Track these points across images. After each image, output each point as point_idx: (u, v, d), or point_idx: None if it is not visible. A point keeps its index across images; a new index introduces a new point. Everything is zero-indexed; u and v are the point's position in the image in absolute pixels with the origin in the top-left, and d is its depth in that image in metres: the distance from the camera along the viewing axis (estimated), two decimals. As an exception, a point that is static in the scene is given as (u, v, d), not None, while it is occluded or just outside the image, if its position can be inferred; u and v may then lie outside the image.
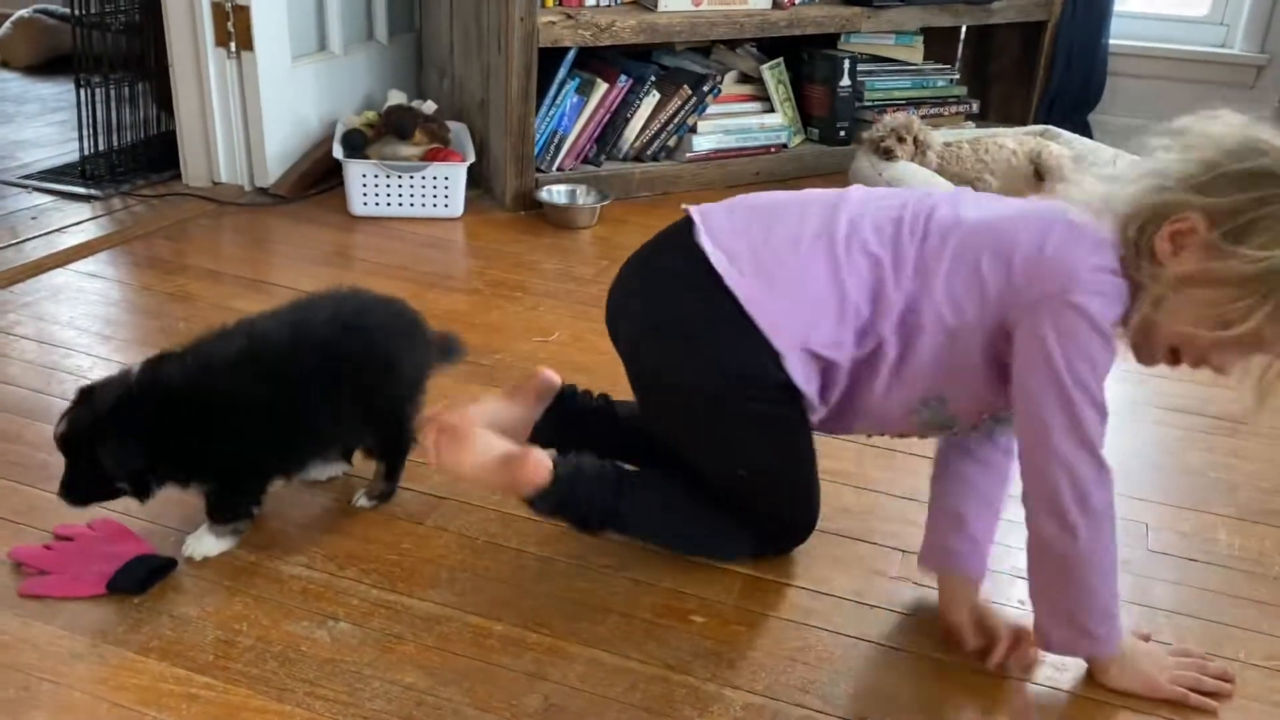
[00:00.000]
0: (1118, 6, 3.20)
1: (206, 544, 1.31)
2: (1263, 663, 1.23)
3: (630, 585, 1.31)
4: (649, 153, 2.77)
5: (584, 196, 2.56)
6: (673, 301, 1.22)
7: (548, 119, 2.60)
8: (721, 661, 1.20)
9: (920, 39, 3.12)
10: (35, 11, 3.68)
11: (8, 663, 1.14)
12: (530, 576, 1.32)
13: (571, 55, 2.60)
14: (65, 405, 1.26)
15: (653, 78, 2.70)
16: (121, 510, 1.38)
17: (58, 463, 1.47)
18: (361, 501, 1.43)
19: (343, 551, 1.34)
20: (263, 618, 1.22)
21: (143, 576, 1.25)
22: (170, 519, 1.37)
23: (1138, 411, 1.77)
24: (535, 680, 1.15)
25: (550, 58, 2.54)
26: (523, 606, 1.26)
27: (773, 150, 2.90)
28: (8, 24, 3.68)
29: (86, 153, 2.53)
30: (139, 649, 1.17)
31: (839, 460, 1.56)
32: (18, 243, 2.19)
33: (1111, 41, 3.21)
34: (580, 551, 1.36)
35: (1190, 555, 1.42)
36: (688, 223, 1.22)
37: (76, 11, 2.45)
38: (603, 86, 2.65)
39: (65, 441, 1.24)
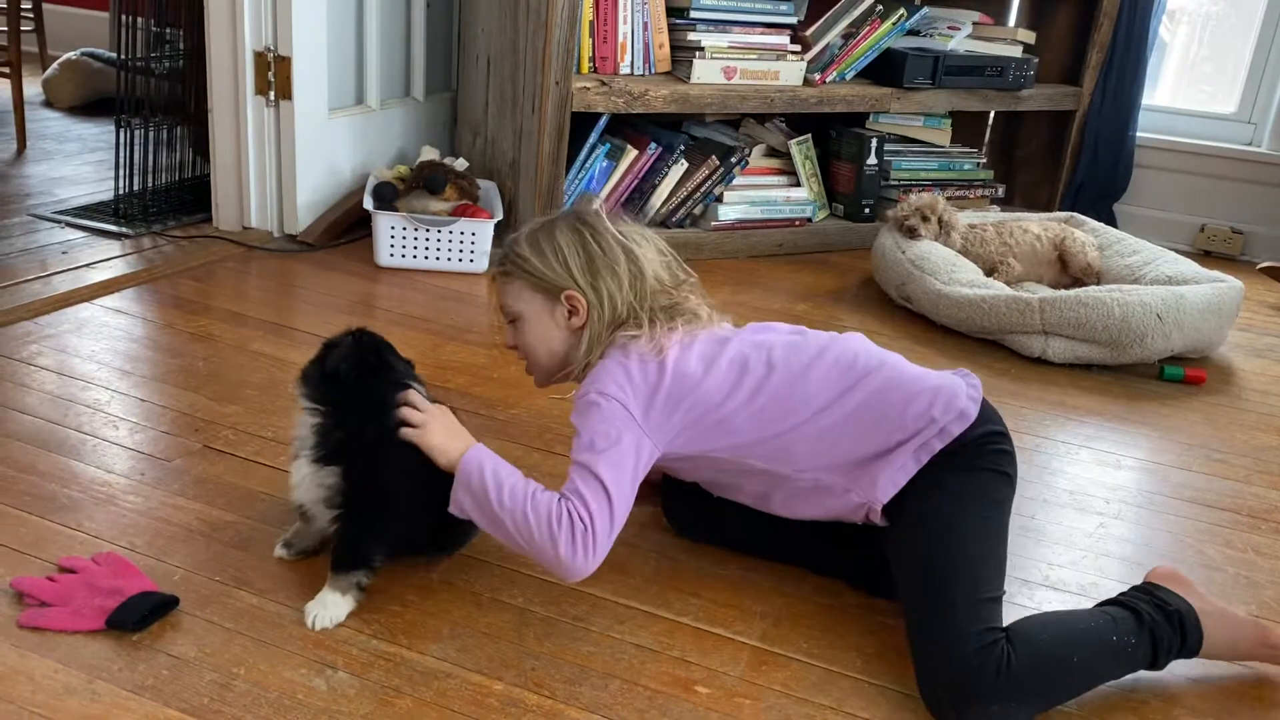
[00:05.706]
0: (1146, 100, 3.23)
1: (331, 608, 1.28)
2: (1282, 768, 1.20)
3: (636, 651, 1.29)
4: (675, 219, 2.79)
5: (608, 259, 2.57)
6: None
7: (577, 181, 2.63)
8: (724, 734, 1.17)
9: (948, 122, 3.15)
10: (82, 54, 3.77)
11: (1, 694, 1.12)
12: (534, 636, 1.30)
13: (603, 121, 2.64)
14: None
15: (682, 147, 2.74)
16: (126, 546, 1.38)
17: (66, 494, 1.47)
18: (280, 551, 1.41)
19: (346, 600, 1.33)
20: (261, 662, 1.21)
21: (144, 613, 1.24)
22: (174, 557, 1.37)
23: (1154, 503, 1.75)
24: (533, 743, 1.13)
25: (583, 122, 2.57)
26: (524, 666, 1.24)
27: (797, 224, 2.92)
28: (55, 65, 3.77)
29: (121, 192, 2.58)
30: (134, 687, 1.15)
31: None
32: (46, 275, 2.21)
33: (1139, 134, 3.24)
34: (585, 614, 1.34)
35: (1209, 652, 1.38)
36: None
37: (123, 56, 2.51)
38: (632, 153, 2.68)
39: None
